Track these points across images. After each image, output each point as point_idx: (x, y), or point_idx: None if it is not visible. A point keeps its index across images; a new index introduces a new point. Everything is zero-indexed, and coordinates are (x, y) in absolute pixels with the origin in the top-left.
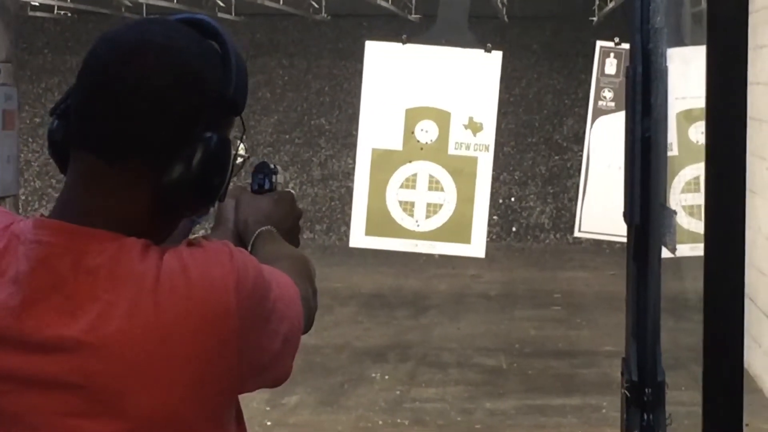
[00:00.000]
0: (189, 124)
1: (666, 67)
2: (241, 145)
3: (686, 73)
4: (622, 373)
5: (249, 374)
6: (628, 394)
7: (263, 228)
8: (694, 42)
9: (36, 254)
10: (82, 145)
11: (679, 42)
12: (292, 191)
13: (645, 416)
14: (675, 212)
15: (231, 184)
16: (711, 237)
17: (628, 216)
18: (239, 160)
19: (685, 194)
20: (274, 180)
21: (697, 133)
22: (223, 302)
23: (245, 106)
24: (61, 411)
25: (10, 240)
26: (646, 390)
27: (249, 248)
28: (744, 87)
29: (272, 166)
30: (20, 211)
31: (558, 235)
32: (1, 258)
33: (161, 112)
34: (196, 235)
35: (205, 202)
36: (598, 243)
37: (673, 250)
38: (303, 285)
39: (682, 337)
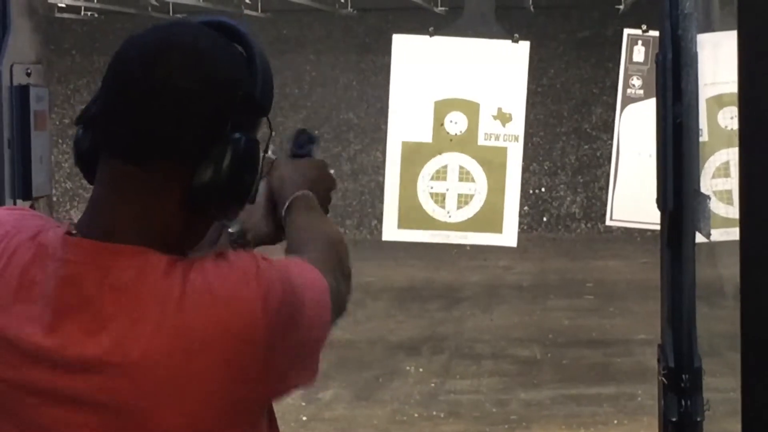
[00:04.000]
0: (217, 126)
1: (696, 52)
2: (270, 147)
3: (715, 59)
4: (659, 360)
5: (276, 386)
6: (666, 381)
7: (299, 192)
8: (723, 27)
9: (63, 273)
10: (110, 150)
11: (708, 27)
12: (325, 161)
13: (683, 402)
14: (709, 197)
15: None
16: (746, 224)
17: (661, 202)
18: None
19: (716, 179)
20: (311, 149)
21: (726, 118)
22: (250, 320)
23: (274, 103)
24: (87, 428)
25: (37, 252)
26: (684, 376)
27: (283, 210)
28: None
29: (312, 134)
30: (52, 212)
31: (589, 225)
32: (27, 270)
33: (189, 114)
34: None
35: (235, 204)
36: (629, 231)
37: (707, 235)
38: (332, 276)
39: (714, 324)
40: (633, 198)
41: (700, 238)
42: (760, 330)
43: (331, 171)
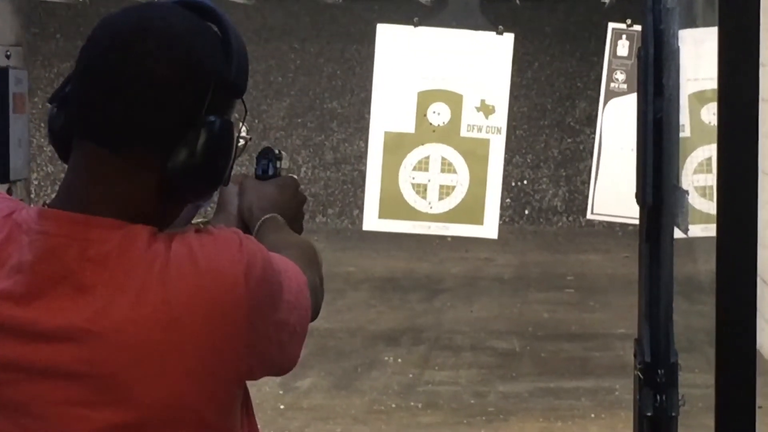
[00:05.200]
0: (192, 109)
1: (678, 47)
2: (243, 128)
3: (698, 55)
4: (635, 355)
5: (256, 363)
6: (641, 376)
7: (268, 215)
8: (706, 23)
9: (42, 245)
10: (84, 134)
11: (691, 23)
12: (296, 177)
13: (658, 397)
14: (687, 192)
15: (234, 168)
16: (723, 220)
17: (640, 197)
18: (241, 142)
19: (698, 175)
20: (278, 165)
21: (710, 114)
22: (233, 291)
23: (259, 91)
24: (68, 400)
25: (12, 229)
26: (659, 371)
27: (254, 235)
28: (756, 68)
29: (277, 151)
30: (32, 195)
31: (571, 218)
32: (2, 248)
33: (163, 98)
34: (197, 220)
35: (210, 186)
36: (611, 226)
37: (685, 230)
38: (310, 274)
39: (695, 320)
40: (614, 192)
41: (680, 233)
42: (734, 325)
43: (301, 188)
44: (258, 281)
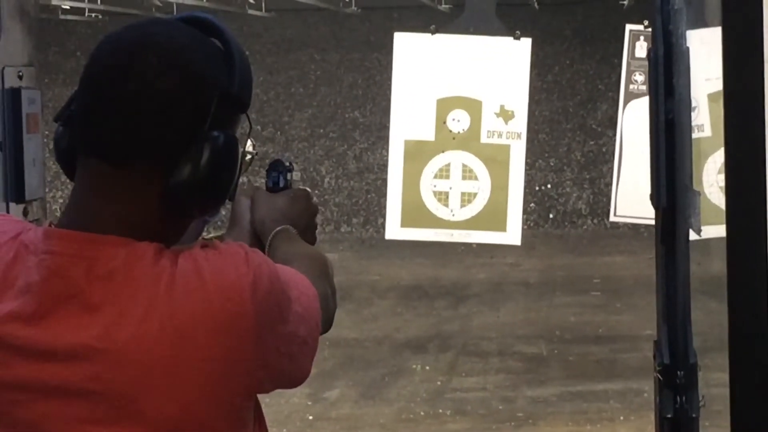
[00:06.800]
0: (195, 124)
1: (687, 47)
2: (249, 142)
3: (713, 54)
4: (654, 357)
5: (266, 375)
6: (661, 377)
7: (280, 227)
8: (718, 23)
9: (49, 264)
10: (89, 150)
11: (705, 23)
12: (308, 188)
13: (678, 398)
14: (699, 193)
15: (243, 182)
16: (733, 216)
17: (654, 199)
18: (248, 157)
19: (722, 175)
20: (289, 177)
21: None
22: (239, 304)
23: (280, 102)
24: (78, 418)
25: (19, 250)
26: (679, 372)
27: (266, 248)
28: (761, 65)
29: (287, 163)
30: (58, 213)
31: (596, 221)
32: (10, 268)
33: (166, 113)
34: (210, 235)
35: (215, 201)
36: (635, 227)
37: (698, 231)
38: (321, 285)
39: (726, 319)
40: (637, 193)
41: (707, 234)
42: (747, 324)
43: (314, 199)
44: (265, 294)
